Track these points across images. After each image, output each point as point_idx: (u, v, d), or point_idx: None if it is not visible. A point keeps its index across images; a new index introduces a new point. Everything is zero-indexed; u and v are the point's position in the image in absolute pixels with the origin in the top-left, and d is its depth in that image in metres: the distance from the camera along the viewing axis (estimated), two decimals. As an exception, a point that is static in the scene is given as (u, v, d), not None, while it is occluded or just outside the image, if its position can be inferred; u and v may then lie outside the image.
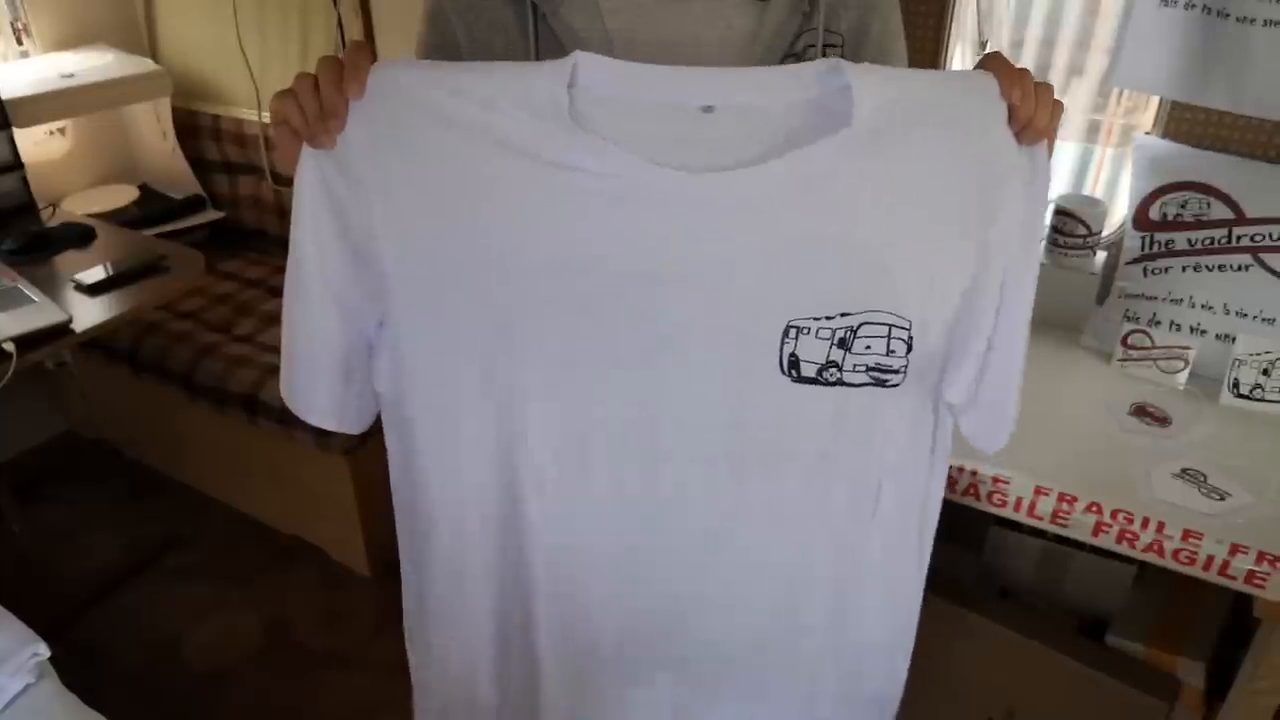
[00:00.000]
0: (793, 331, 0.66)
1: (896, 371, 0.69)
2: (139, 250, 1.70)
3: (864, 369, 0.68)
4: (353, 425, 0.75)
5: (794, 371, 0.67)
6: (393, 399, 0.73)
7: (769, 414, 0.69)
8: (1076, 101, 1.57)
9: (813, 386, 0.68)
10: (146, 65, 2.17)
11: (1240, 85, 1.18)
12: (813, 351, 0.67)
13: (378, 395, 0.74)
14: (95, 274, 1.61)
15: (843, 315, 0.66)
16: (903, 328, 0.67)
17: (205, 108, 2.30)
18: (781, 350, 0.66)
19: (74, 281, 1.59)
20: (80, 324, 1.48)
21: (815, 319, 0.66)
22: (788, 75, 0.65)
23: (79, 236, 1.77)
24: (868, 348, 0.68)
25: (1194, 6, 1.18)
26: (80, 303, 1.55)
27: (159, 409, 2.08)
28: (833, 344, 0.67)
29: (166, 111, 2.25)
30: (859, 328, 0.67)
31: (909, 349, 0.68)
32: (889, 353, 0.68)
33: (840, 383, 0.68)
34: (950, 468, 1.05)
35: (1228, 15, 1.16)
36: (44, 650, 0.97)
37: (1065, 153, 1.63)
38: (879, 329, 0.67)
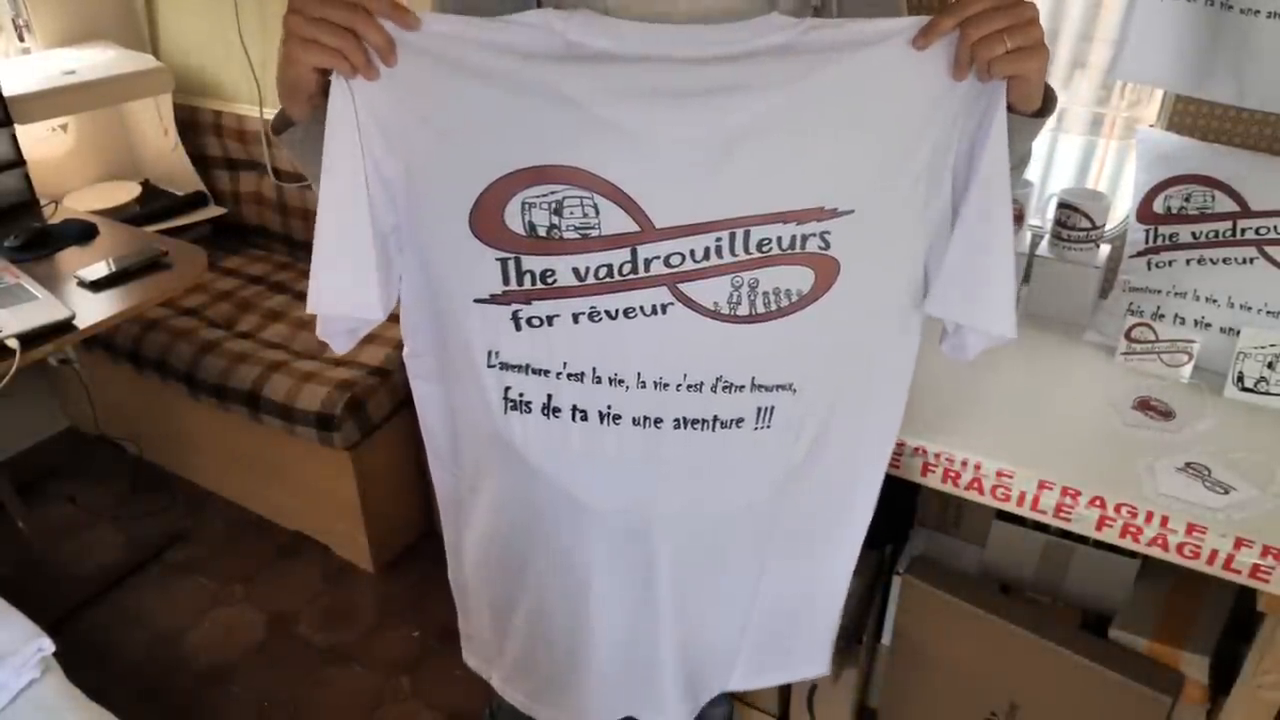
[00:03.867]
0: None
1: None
2: (141, 247, 1.70)
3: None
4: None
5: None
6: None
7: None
8: (1080, 95, 1.57)
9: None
10: (148, 62, 2.17)
11: (1244, 78, 1.18)
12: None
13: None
14: (97, 270, 1.61)
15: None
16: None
17: (206, 104, 2.30)
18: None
19: (76, 278, 1.59)
20: (83, 321, 1.48)
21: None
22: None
23: (81, 233, 1.77)
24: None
25: (1198, -1, 1.18)
26: (82, 299, 1.55)
27: (161, 405, 2.08)
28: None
29: (168, 108, 2.25)
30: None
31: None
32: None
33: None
34: (954, 460, 1.06)
35: (1231, 7, 1.15)
36: (49, 645, 0.97)
37: (1069, 146, 1.62)
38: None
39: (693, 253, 0.72)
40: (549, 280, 0.74)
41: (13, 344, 1.38)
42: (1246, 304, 1.17)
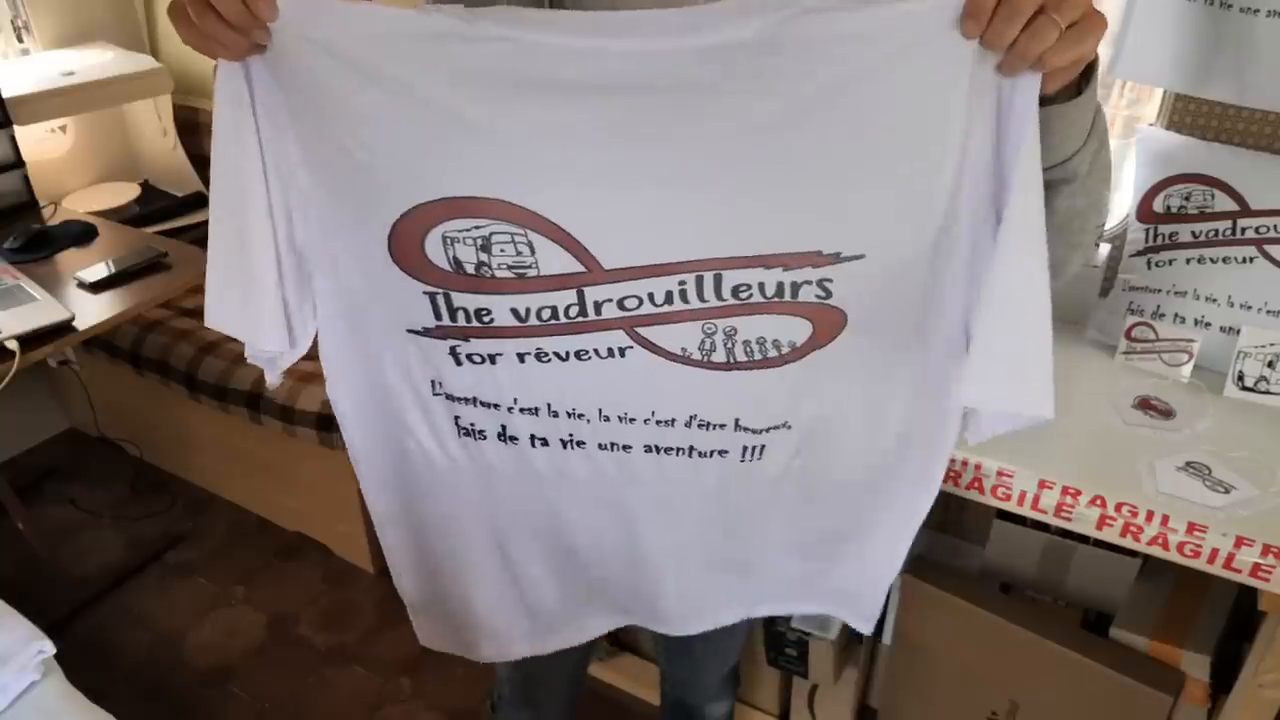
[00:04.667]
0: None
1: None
2: (140, 248, 1.70)
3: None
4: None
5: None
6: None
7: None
8: (1079, 94, 1.57)
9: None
10: (147, 62, 2.17)
11: (1244, 77, 1.17)
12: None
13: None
14: (97, 272, 1.61)
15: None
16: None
17: (206, 104, 2.29)
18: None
19: (76, 279, 1.59)
20: (82, 322, 1.48)
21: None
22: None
23: (80, 234, 1.77)
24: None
25: (1198, -3, 1.18)
26: (82, 301, 1.55)
27: (161, 406, 2.08)
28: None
29: (167, 109, 2.25)
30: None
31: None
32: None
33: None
34: (953, 461, 1.06)
35: (1231, 6, 1.15)
36: (49, 647, 0.97)
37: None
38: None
39: (651, 296, 0.61)
40: (485, 319, 0.64)
41: (12, 345, 1.38)
42: (1246, 303, 1.17)
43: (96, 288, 1.58)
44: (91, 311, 1.52)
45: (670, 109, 0.55)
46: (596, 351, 0.65)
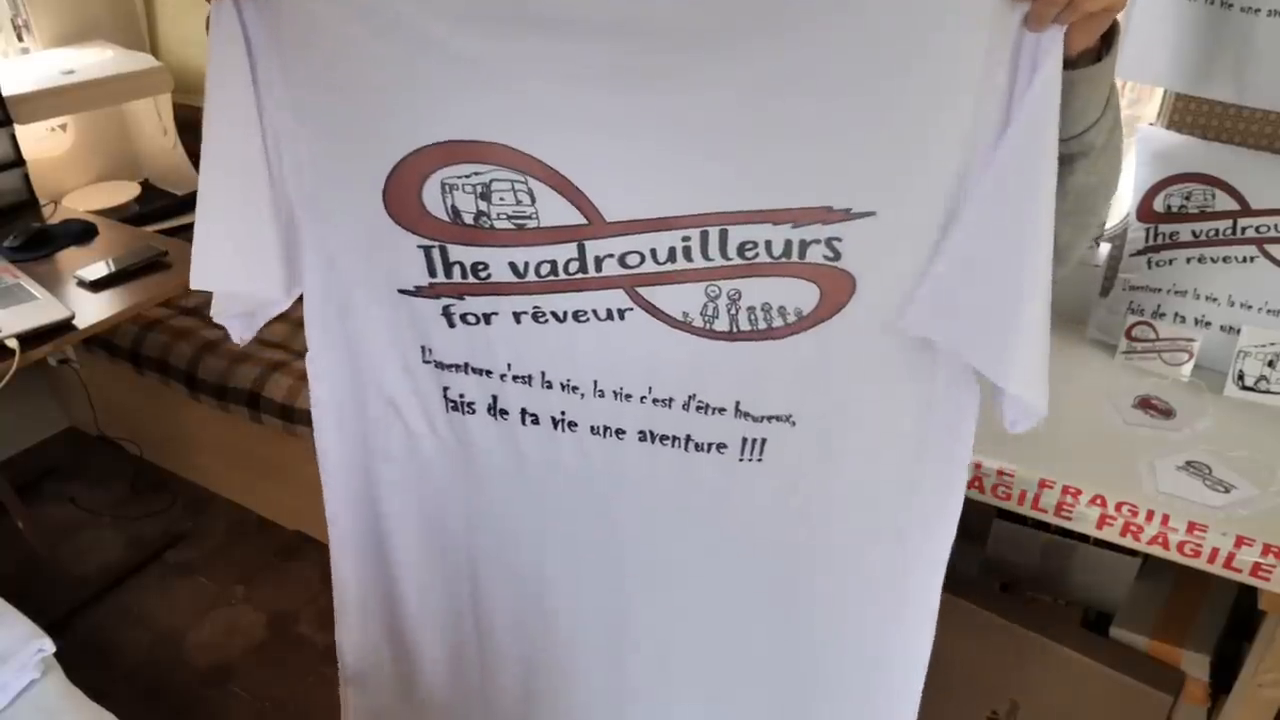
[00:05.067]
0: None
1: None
2: (141, 247, 1.70)
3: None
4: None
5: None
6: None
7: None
8: (1080, 93, 1.57)
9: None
10: (147, 61, 2.17)
11: (1245, 76, 1.17)
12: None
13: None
14: (97, 270, 1.61)
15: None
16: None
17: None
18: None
19: (76, 278, 1.59)
20: (82, 321, 1.48)
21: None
22: None
23: (80, 233, 1.77)
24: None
25: (1198, -3, 1.18)
26: (82, 299, 1.55)
27: (161, 405, 2.08)
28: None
29: (167, 107, 2.25)
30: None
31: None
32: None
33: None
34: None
35: (1231, 6, 1.15)
36: (49, 646, 0.97)
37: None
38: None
39: (654, 253, 0.59)
40: (481, 274, 0.61)
41: (12, 344, 1.38)
42: (1247, 302, 1.17)
43: (96, 286, 1.58)
44: (91, 310, 1.52)
45: (678, 53, 0.53)
46: (595, 313, 0.62)
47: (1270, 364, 1.14)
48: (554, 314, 0.62)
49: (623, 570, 0.73)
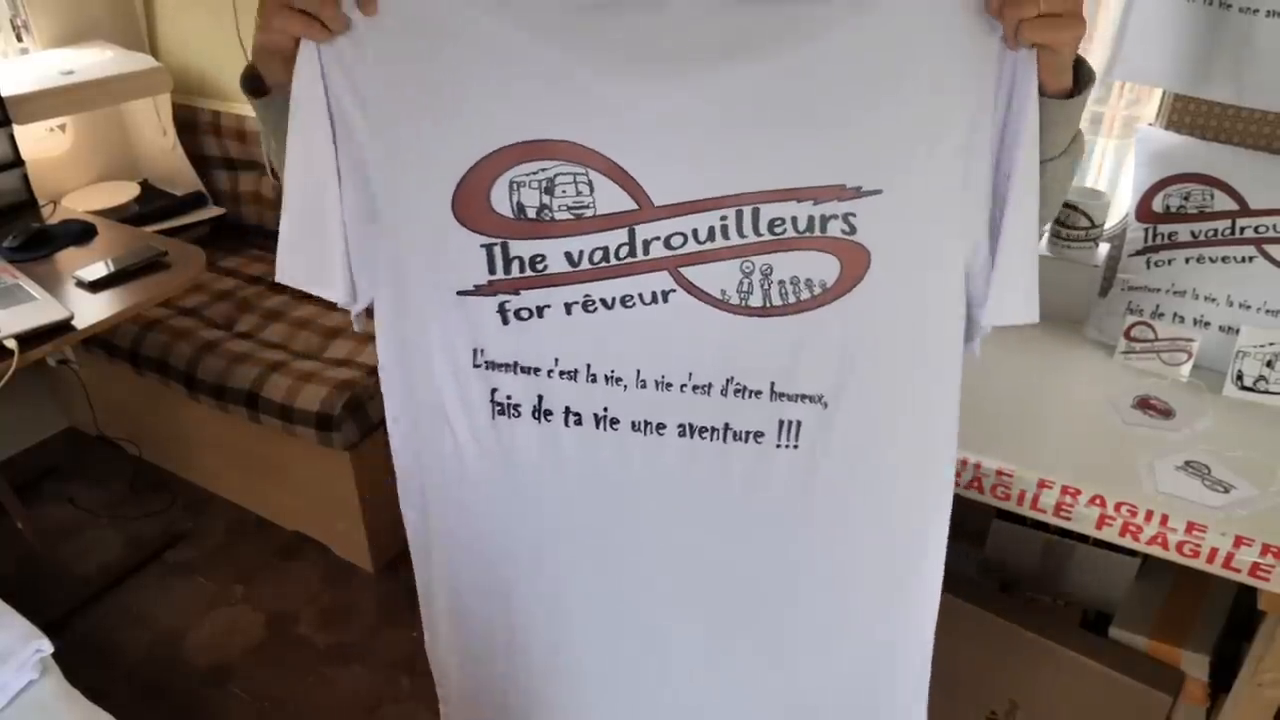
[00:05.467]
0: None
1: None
2: (140, 247, 1.70)
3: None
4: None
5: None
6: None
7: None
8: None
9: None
10: (146, 61, 2.17)
11: (1243, 77, 1.17)
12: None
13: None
14: (96, 271, 1.61)
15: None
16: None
17: (205, 104, 2.29)
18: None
19: (75, 278, 1.59)
20: (81, 321, 1.48)
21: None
22: None
23: (79, 234, 1.77)
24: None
25: (1197, -3, 1.18)
26: (81, 300, 1.55)
27: (161, 406, 2.08)
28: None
29: (166, 108, 2.25)
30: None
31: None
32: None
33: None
34: (953, 460, 1.05)
35: (1230, 6, 1.15)
36: (47, 646, 0.97)
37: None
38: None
39: (695, 232, 0.66)
40: (539, 267, 0.68)
41: (11, 344, 1.38)
42: (1245, 302, 1.18)
43: (95, 287, 1.58)
44: (90, 311, 1.52)
45: (716, 57, 0.63)
46: (641, 297, 0.68)
47: (1269, 364, 1.14)
48: (603, 301, 0.69)
49: (650, 560, 0.77)
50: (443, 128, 0.67)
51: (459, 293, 0.70)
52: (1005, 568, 1.30)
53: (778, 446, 0.71)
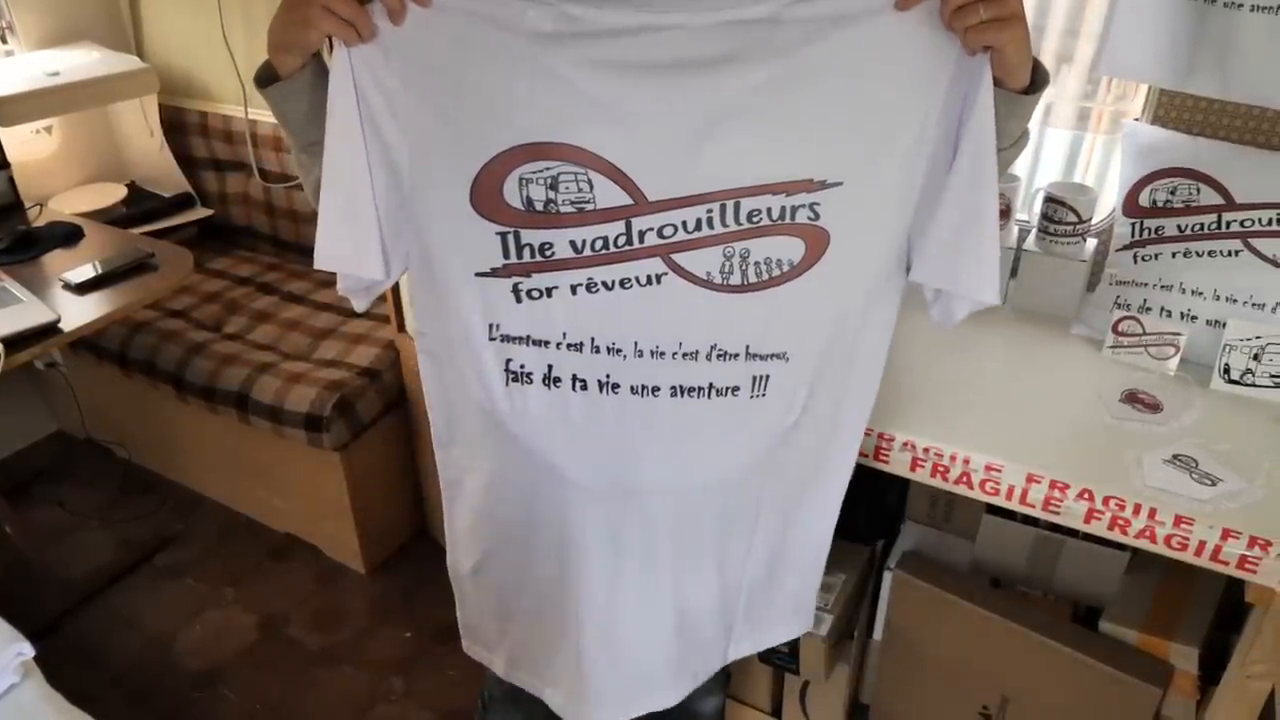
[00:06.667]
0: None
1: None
2: (127, 249, 1.69)
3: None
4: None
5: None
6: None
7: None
8: (1067, 89, 1.58)
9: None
10: (133, 63, 2.16)
11: (1228, 72, 1.18)
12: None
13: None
14: (83, 273, 1.60)
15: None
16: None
17: (192, 105, 2.28)
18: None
19: (62, 281, 1.59)
20: (69, 323, 1.48)
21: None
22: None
23: (66, 236, 1.76)
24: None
25: (1182, -8, 1.18)
26: (69, 302, 1.54)
27: (149, 408, 2.07)
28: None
29: (153, 109, 2.24)
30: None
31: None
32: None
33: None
34: (943, 455, 1.06)
35: (1214, 1, 1.15)
36: (28, 650, 0.96)
37: (1057, 139, 1.63)
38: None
39: (685, 224, 0.75)
40: (547, 253, 0.77)
41: (-3, 347, 1.37)
42: (1232, 296, 1.18)
43: (83, 289, 1.57)
44: (78, 313, 1.52)
45: (702, 70, 0.71)
46: (637, 279, 0.77)
47: (1255, 357, 1.15)
48: (604, 283, 0.77)
49: (650, 477, 0.87)
50: (459, 129, 0.75)
51: (477, 274, 0.79)
52: (996, 562, 1.30)
53: (751, 398, 0.83)
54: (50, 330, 1.45)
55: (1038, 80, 0.76)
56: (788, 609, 1.07)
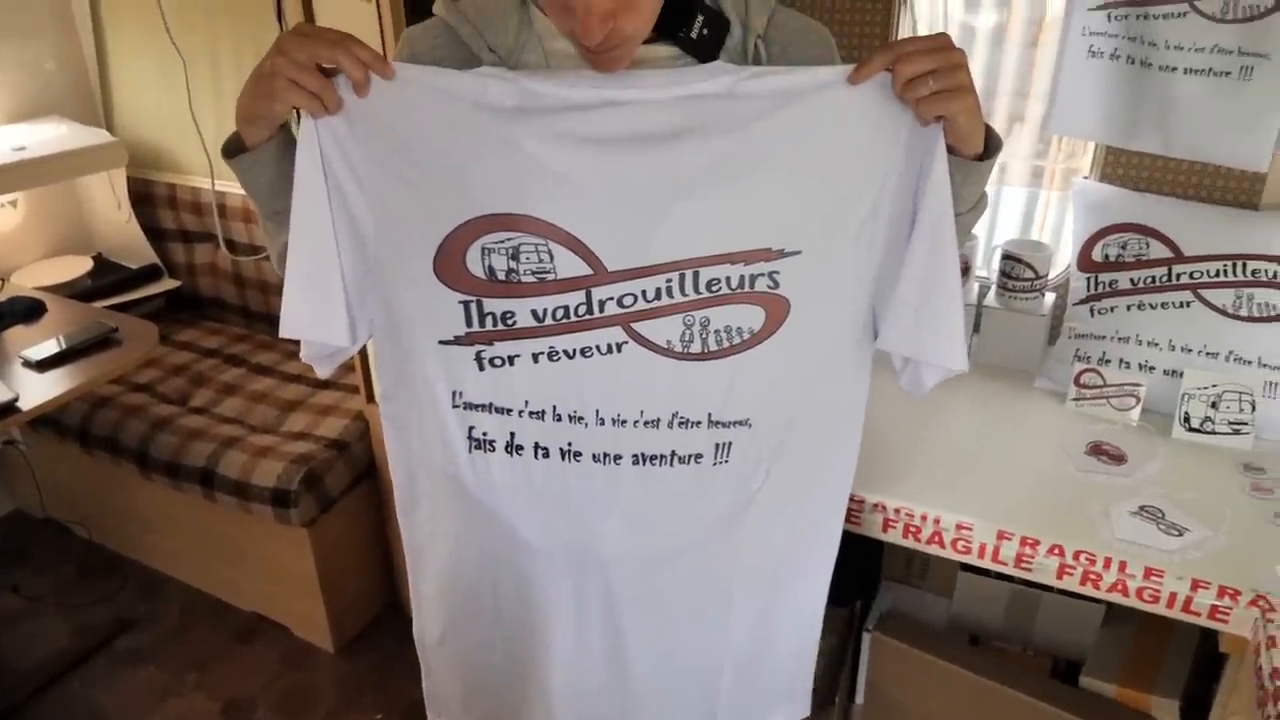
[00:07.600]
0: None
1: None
2: (90, 323, 1.67)
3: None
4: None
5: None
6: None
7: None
8: (1019, 148, 1.63)
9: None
10: (101, 136, 2.17)
11: (1168, 130, 1.23)
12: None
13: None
14: (45, 349, 1.58)
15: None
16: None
17: (161, 177, 2.29)
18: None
19: (22, 358, 1.56)
20: (28, 401, 1.44)
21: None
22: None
23: (28, 311, 1.74)
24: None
25: (1119, 57, 1.24)
26: (28, 380, 1.51)
27: (111, 485, 2.02)
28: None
29: (121, 181, 2.24)
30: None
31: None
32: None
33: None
34: (913, 515, 1.06)
35: (1150, 65, 1.21)
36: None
37: (1013, 197, 1.67)
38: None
39: (644, 293, 0.75)
40: (509, 322, 0.77)
41: (-49, 429, 1.33)
42: (1187, 346, 1.21)
43: (44, 365, 1.55)
44: (37, 391, 1.49)
45: (660, 143, 0.73)
46: (598, 348, 0.77)
47: (1214, 405, 1.17)
48: (565, 352, 0.78)
49: (614, 544, 0.86)
50: (423, 199, 0.76)
51: (441, 341, 0.79)
52: (974, 619, 1.30)
53: (714, 465, 0.82)
54: (8, 409, 1.42)
55: (991, 146, 0.77)
56: (780, 692, 1.02)
